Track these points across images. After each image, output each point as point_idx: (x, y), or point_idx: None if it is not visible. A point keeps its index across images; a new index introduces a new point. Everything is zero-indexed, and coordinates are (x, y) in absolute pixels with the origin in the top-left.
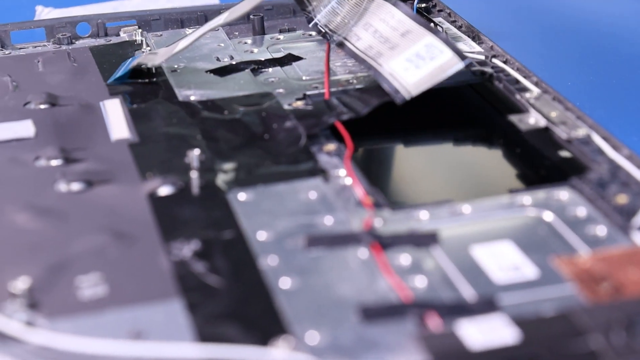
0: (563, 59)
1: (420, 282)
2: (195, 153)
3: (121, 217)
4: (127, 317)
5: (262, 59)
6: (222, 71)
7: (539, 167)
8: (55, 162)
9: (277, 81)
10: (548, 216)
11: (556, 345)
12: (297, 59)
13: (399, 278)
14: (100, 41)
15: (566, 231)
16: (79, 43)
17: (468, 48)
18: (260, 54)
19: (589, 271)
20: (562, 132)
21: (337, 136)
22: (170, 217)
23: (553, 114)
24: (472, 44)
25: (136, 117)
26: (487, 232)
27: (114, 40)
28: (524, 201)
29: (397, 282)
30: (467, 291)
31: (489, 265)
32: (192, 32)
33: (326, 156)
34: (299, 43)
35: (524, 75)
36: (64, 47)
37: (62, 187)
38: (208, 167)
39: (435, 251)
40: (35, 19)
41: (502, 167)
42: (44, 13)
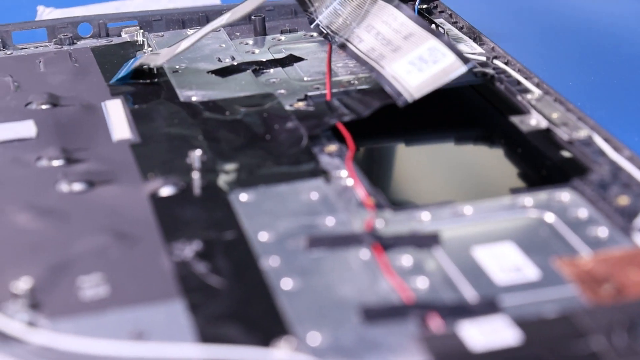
0: (564, 60)
1: (421, 283)
2: (196, 154)
3: (123, 217)
4: (128, 318)
5: (264, 60)
6: (224, 72)
7: (540, 168)
8: (56, 163)
9: (278, 82)
10: (549, 217)
11: (558, 346)
12: (298, 59)
13: (401, 279)
14: (102, 41)
15: (567, 232)
16: (80, 43)
17: (469, 49)
18: (262, 54)
19: (591, 272)
20: (563, 133)
21: (338, 137)
22: (171, 218)
23: (554, 115)
24: (473, 45)
25: (138, 117)
26: (488, 233)
27: (115, 40)
28: (526, 202)
29: (399, 283)
30: (469, 292)
31: (491, 266)
32: (194, 32)
33: (327, 157)
34: (301, 44)
35: (525, 76)
36: (65, 47)
37: (64, 187)
38: (209, 167)
39: (437, 252)
40: (37, 19)
41: (503, 168)
42: (46, 13)
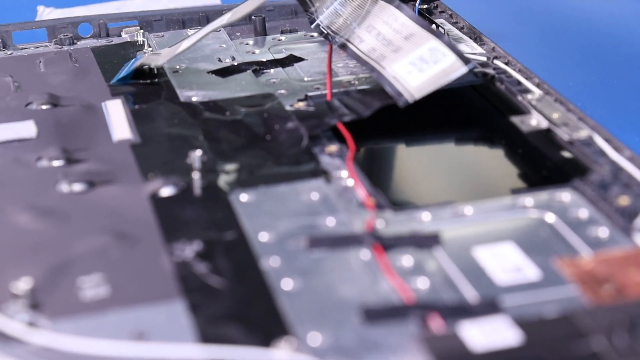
0: (564, 60)
1: (422, 283)
2: (197, 154)
3: (123, 217)
4: (129, 318)
5: (264, 60)
6: (224, 72)
7: (540, 169)
8: (57, 163)
9: (278, 82)
10: (550, 217)
11: (558, 347)
12: (298, 60)
13: (401, 279)
14: (102, 42)
15: (568, 233)
16: (80, 43)
17: (470, 49)
18: (262, 54)
19: (591, 273)
20: (564, 134)
21: (339, 137)
22: (172, 218)
23: (555, 115)
24: (473, 45)
25: (138, 117)
26: (489, 234)
27: (115, 40)
28: (526, 202)
29: (399, 284)
30: (469, 292)
31: (491, 266)
32: (194, 32)
33: (328, 157)
34: (301, 44)
35: (526, 76)
36: (65, 47)
37: (64, 187)
38: (210, 168)
39: (437, 252)
40: (37, 19)
41: (504, 169)
42: (46, 13)
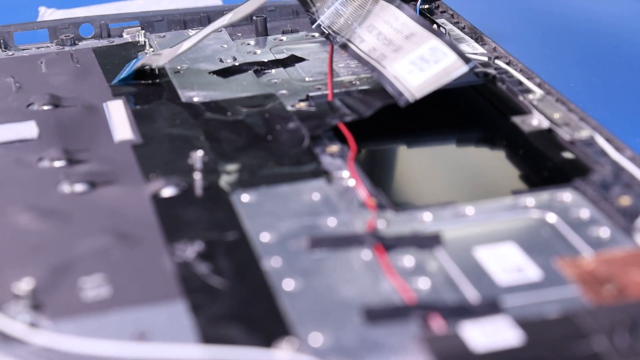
0: (566, 60)
1: (423, 283)
2: (198, 154)
3: (124, 218)
4: (130, 319)
5: (265, 60)
6: (225, 72)
7: (542, 169)
8: (58, 163)
9: (280, 82)
10: (551, 218)
11: (560, 347)
12: (300, 60)
13: (402, 280)
14: (103, 42)
15: (569, 233)
16: (82, 44)
17: (471, 49)
18: (263, 55)
19: (593, 273)
20: (565, 134)
21: (340, 137)
22: (173, 219)
23: (556, 115)
24: (475, 45)
25: (139, 118)
26: (490, 234)
27: (117, 41)
28: (527, 203)
29: (401, 284)
30: (471, 293)
31: (492, 266)
32: (196, 33)
33: (329, 157)
34: (302, 44)
35: (527, 76)
36: (67, 48)
37: (66, 188)
38: (211, 168)
39: (439, 253)
40: (38, 20)
41: (505, 169)
42: (47, 14)
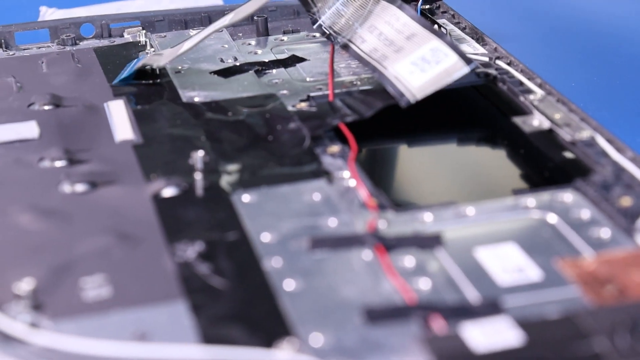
0: (567, 61)
1: (424, 284)
2: (199, 154)
3: (125, 218)
4: (131, 319)
5: (266, 60)
6: (226, 72)
7: (542, 169)
8: (59, 163)
9: (281, 82)
10: (552, 218)
11: (560, 347)
12: (301, 60)
13: (403, 280)
14: (104, 42)
15: (570, 233)
16: (83, 44)
17: (472, 50)
18: (264, 55)
19: (593, 274)
20: (566, 134)
21: (341, 138)
22: (174, 219)
23: (557, 115)
24: (476, 46)
25: (140, 118)
26: (491, 234)
27: (117, 41)
28: (528, 203)
29: (401, 284)
30: (471, 293)
31: (493, 267)
32: (197, 33)
33: (330, 158)
34: (303, 44)
35: (528, 77)
36: (68, 48)
37: (66, 188)
38: (212, 168)
39: (439, 253)
40: (39, 19)
41: (506, 169)
42: (48, 14)
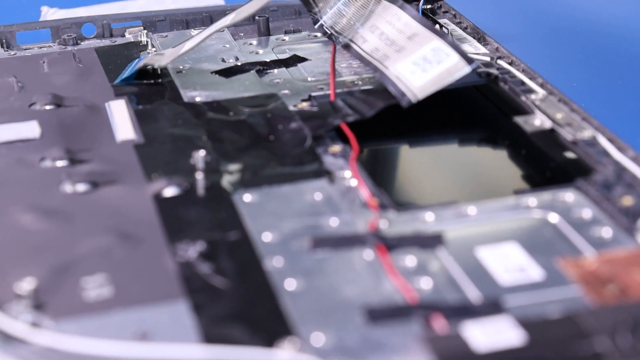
0: (568, 60)
1: (425, 283)
2: (200, 154)
3: (126, 218)
4: (132, 318)
5: (268, 60)
6: (228, 72)
7: (544, 169)
8: (60, 163)
9: (282, 82)
10: (553, 218)
11: (562, 347)
12: (302, 60)
13: (405, 279)
14: (106, 42)
15: (571, 233)
16: (84, 44)
17: (473, 49)
18: (266, 55)
19: (595, 273)
20: (567, 134)
21: (342, 137)
22: (175, 218)
23: (558, 115)
24: (477, 46)
25: (141, 118)
26: (492, 234)
27: (119, 41)
28: (529, 203)
29: (403, 284)
30: (473, 293)
31: (494, 266)
32: (198, 33)
33: (331, 157)
34: (305, 44)
35: (530, 76)
36: (69, 47)
37: (68, 188)
38: (213, 168)
39: (441, 253)
40: (41, 19)
41: (507, 169)
42: (50, 14)
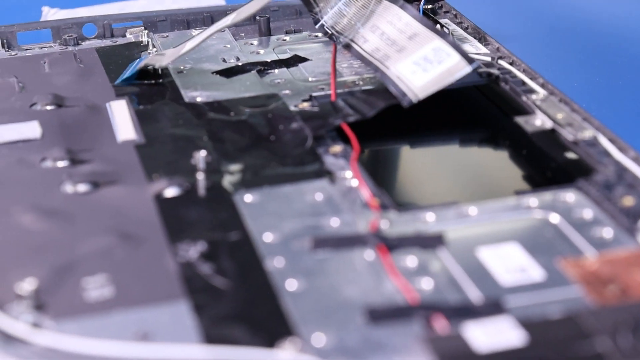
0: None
1: (426, 284)
2: (201, 154)
3: (127, 218)
4: (133, 319)
5: (268, 60)
6: (228, 72)
7: (545, 169)
8: (61, 164)
9: (283, 82)
10: (554, 218)
11: (562, 347)
12: (303, 60)
13: (405, 280)
14: (107, 42)
15: (572, 233)
16: (85, 44)
17: (474, 49)
18: (267, 55)
19: (596, 273)
20: (568, 134)
21: (343, 138)
22: (176, 219)
23: (559, 115)
24: (478, 46)
25: (142, 118)
26: (493, 234)
27: (120, 41)
28: (530, 203)
29: (404, 284)
30: (474, 293)
31: (495, 267)
32: (199, 33)
33: (332, 158)
34: (305, 44)
35: (530, 76)
36: (70, 48)
37: (69, 188)
38: (214, 168)
39: (442, 253)
40: (42, 19)
41: (508, 169)
42: (50, 14)
